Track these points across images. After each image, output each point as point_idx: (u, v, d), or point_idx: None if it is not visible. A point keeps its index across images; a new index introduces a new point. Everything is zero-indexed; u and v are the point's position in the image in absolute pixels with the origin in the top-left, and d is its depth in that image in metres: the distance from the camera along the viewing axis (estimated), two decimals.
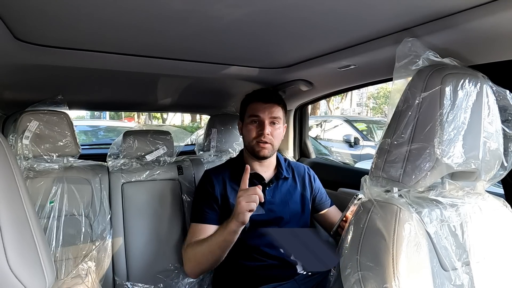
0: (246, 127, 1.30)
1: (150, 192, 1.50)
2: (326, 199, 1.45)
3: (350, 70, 1.17)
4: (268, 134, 1.25)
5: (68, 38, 0.95)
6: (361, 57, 1.06)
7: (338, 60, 1.13)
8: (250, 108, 1.28)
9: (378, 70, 1.13)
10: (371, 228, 0.67)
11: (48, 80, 1.32)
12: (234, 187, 1.31)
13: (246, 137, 1.31)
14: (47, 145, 1.35)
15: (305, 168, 1.47)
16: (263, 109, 1.25)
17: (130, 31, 0.89)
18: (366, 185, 0.78)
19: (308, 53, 1.16)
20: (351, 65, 1.13)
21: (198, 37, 0.96)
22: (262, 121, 1.26)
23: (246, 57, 1.20)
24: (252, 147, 1.28)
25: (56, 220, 1.31)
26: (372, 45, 0.97)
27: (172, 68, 1.24)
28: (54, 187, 1.34)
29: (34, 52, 0.99)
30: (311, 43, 1.04)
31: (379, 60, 1.02)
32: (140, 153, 1.53)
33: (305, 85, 1.43)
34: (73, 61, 1.11)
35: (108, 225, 1.38)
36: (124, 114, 18.17)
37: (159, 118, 17.13)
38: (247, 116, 1.30)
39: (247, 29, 0.89)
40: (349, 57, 1.08)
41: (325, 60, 1.17)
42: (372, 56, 1.02)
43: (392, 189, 0.75)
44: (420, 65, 0.72)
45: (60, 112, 1.39)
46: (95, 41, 0.98)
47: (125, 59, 1.12)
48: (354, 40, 0.98)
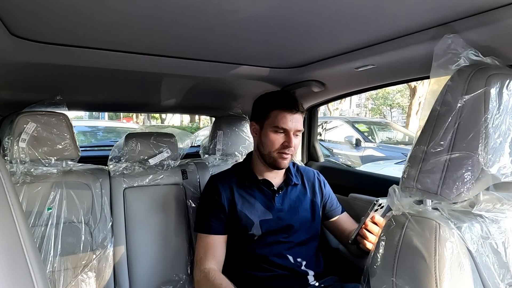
0: (268, 136, 1.20)
1: (154, 198, 1.43)
2: (337, 205, 1.39)
3: (367, 71, 1.11)
4: (292, 147, 1.18)
5: (66, 34, 0.88)
6: (382, 57, 0.99)
7: (356, 60, 1.07)
8: (275, 116, 1.18)
9: (399, 70, 1.07)
10: (408, 246, 0.60)
11: (46, 79, 1.25)
12: (242, 194, 1.25)
13: (266, 146, 1.21)
14: (45, 148, 1.27)
15: (315, 173, 1.41)
16: (291, 121, 1.17)
17: (134, 26, 0.83)
18: (395, 196, 0.71)
19: (324, 52, 1.10)
20: (370, 65, 1.06)
21: (209, 33, 0.89)
22: (288, 132, 1.18)
23: (258, 56, 1.13)
24: (273, 157, 1.20)
25: (54, 228, 1.24)
26: (397, 43, 0.91)
27: (177, 67, 1.17)
28: (52, 193, 1.27)
29: (31, 49, 0.91)
30: (330, 41, 0.97)
31: (404, 59, 0.96)
32: (143, 156, 1.46)
33: (317, 86, 1.36)
34: (72, 59, 1.04)
35: (109, 233, 1.31)
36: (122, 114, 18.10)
37: (158, 118, 17.07)
38: (268, 124, 1.20)
39: (264, 25, 0.83)
40: (368, 56, 1.02)
41: (341, 60, 1.10)
42: (395, 55, 0.96)
43: (425, 200, 0.68)
44: (462, 64, 0.65)
45: (59, 114, 1.31)
46: (96, 38, 0.91)
47: (127, 58, 1.05)
48: (377, 38, 0.92)
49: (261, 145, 1.24)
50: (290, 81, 1.39)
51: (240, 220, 1.20)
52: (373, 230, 1.02)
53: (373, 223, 1.06)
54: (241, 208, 1.22)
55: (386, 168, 2.94)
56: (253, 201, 1.24)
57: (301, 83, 1.37)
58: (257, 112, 1.27)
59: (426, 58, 0.93)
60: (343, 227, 1.35)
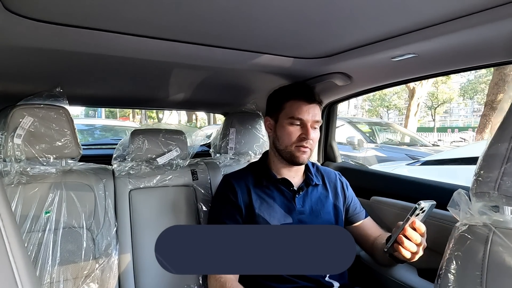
0: (284, 129, 1.12)
1: (162, 200, 1.31)
2: (360, 209, 1.28)
3: (405, 61, 1.00)
4: (311, 139, 1.10)
5: (69, 11, 0.76)
6: (426, 44, 0.88)
7: (393, 49, 0.95)
8: (290, 107, 1.11)
9: (447, 58, 0.96)
10: (498, 266, 0.49)
11: (45, 67, 1.13)
12: (260, 195, 1.14)
13: (283, 140, 1.13)
14: (43, 145, 1.15)
15: (336, 174, 1.30)
16: (307, 111, 1.09)
17: (146, 3, 0.71)
18: (464, 203, 0.60)
19: (355, 40, 0.98)
20: (410, 53, 0.95)
21: (229, 15, 0.78)
22: (305, 124, 1.10)
23: (282, 44, 1.02)
24: (291, 152, 1.12)
25: (52, 234, 1.12)
26: (447, 27, 0.80)
27: (192, 55, 1.05)
28: (51, 195, 1.15)
29: (29, 28, 0.79)
30: (363, 27, 0.86)
31: (454, 45, 0.85)
32: (150, 155, 1.34)
33: (342, 80, 1.25)
34: (75, 43, 0.92)
35: (113, 239, 1.19)
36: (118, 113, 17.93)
37: (155, 118, 16.91)
38: (284, 115, 1.12)
39: (291, 9, 0.73)
40: (409, 43, 0.90)
41: (375, 48, 0.99)
42: (443, 41, 0.84)
43: (503, 208, 0.57)
44: None
45: (59, 107, 1.19)
46: (102, 17, 0.79)
47: (136, 42, 0.93)
48: (422, 22, 0.81)
49: (276, 140, 1.15)
50: (313, 74, 1.28)
51: (259, 222, 1.10)
52: (412, 237, 0.90)
53: (412, 228, 0.94)
54: (259, 210, 1.11)
55: (397, 170, 2.84)
56: (272, 202, 1.14)
57: (325, 76, 1.26)
58: (271, 106, 1.19)
59: (482, 44, 0.83)
60: (367, 233, 1.25)
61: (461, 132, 18.23)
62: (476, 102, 30.30)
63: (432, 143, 6.75)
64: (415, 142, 6.28)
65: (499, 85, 7.01)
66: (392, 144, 6.50)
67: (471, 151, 2.63)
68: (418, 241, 0.89)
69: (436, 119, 27.29)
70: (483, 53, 0.89)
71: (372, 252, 1.21)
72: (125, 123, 5.72)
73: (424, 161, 2.87)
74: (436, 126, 26.59)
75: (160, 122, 16.34)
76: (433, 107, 24.41)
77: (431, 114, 26.21)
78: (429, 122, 28.60)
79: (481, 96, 23.51)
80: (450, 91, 22.75)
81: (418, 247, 0.91)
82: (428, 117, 27.25)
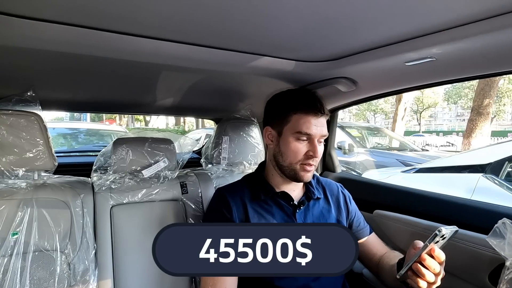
0: (289, 144, 1.00)
1: (147, 217, 1.18)
2: (364, 224, 1.19)
3: (421, 66, 0.90)
4: (317, 157, 1.00)
5: (41, 4, 0.64)
6: (448, 46, 0.79)
7: (408, 52, 0.86)
8: (297, 120, 0.99)
9: (467, 63, 0.87)
10: None
11: (14, 69, 0.99)
12: (258, 210, 1.04)
13: (287, 156, 1.01)
14: (11, 157, 1.02)
15: (339, 186, 1.20)
16: (315, 125, 0.98)
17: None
18: (509, 234, 0.50)
19: (365, 43, 0.89)
20: (427, 58, 0.86)
21: (227, 15, 0.68)
22: (312, 139, 0.99)
23: (284, 46, 0.91)
24: (295, 170, 1.01)
25: (20, 259, 0.98)
26: (473, 28, 0.71)
27: (184, 56, 0.93)
28: (19, 213, 1.01)
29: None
30: (377, 28, 0.77)
31: (477, 49, 0.76)
32: (135, 167, 1.20)
33: (347, 85, 1.15)
34: (48, 41, 0.79)
35: (92, 263, 1.05)
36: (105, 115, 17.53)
37: (142, 120, 16.63)
38: (290, 129, 1.00)
39: (294, 7, 0.63)
40: (427, 47, 0.81)
41: (387, 52, 0.90)
42: (467, 44, 0.76)
43: None
44: None
45: (30, 113, 1.05)
46: (79, 11, 0.67)
47: (121, 41, 0.81)
48: (442, 24, 0.72)
49: (279, 155, 1.03)
50: (315, 78, 1.17)
51: None
52: (431, 266, 0.80)
53: (430, 256, 0.84)
54: None
55: (392, 177, 2.77)
56: (270, 219, 1.03)
57: (329, 81, 1.15)
58: (274, 115, 1.06)
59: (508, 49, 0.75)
60: (372, 251, 1.15)
61: (446, 136, 18.57)
62: (460, 107, 31.02)
63: (421, 147, 6.79)
64: (405, 147, 6.30)
65: (485, 91, 7.13)
66: (382, 148, 6.50)
67: (466, 159, 2.59)
68: (436, 270, 0.79)
69: (422, 123, 27.83)
70: (509, 57, 0.80)
71: (378, 271, 1.11)
72: (111, 126, 5.51)
73: (419, 168, 2.81)
74: (421, 130, 27.10)
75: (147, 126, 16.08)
76: (419, 111, 24.86)
77: (417, 118, 26.70)
78: (414, 126, 29.12)
79: (464, 101, 24.09)
80: (435, 96, 23.23)
81: (436, 277, 0.81)
82: (414, 121, 27.76)
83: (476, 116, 7.21)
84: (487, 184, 2.16)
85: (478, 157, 2.50)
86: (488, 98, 7.18)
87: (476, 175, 2.26)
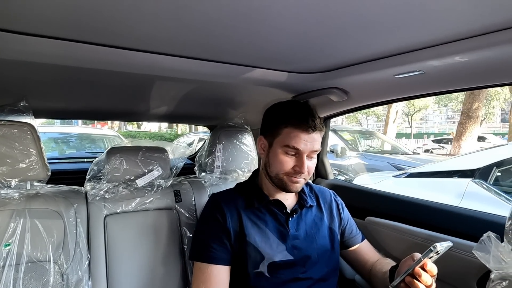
0: (276, 156, 1.01)
1: (141, 226, 1.18)
2: (356, 232, 1.21)
3: (409, 78, 0.93)
4: (305, 172, 0.99)
5: (34, 20, 0.64)
6: (435, 62, 0.81)
7: (398, 66, 0.89)
8: (287, 134, 0.99)
9: (454, 77, 0.90)
10: None
11: (8, 79, 0.99)
12: (251, 218, 1.04)
13: (274, 167, 1.02)
14: (4, 167, 1.01)
15: (331, 194, 1.22)
16: (305, 141, 0.97)
17: (123, 13, 0.60)
18: (494, 248, 0.52)
19: (356, 57, 0.91)
20: (416, 71, 0.88)
21: (221, 29, 0.69)
22: (301, 154, 0.99)
23: (276, 58, 0.93)
24: (282, 180, 1.01)
25: (13, 270, 0.97)
26: (459, 45, 0.74)
27: (177, 69, 0.94)
28: (12, 224, 1.00)
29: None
30: (367, 43, 0.79)
31: (463, 64, 0.79)
32: (128, 176, 1.21)
33: (339, 95, 1.17)
34: (44, 55, 0.79)
35: (85, 274, 1.05)
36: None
37: (134, 123, 16.49)
38: (279, 141, 1.00)
39: (289, 21, 0.65)
40: (416, 61, 0.84)
41: (378, 65, 0.92)
42: (454, 59, 0.78)
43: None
44: None
45: (23, 124, 1.05)
46: (73, 27, 0.68)
47: (114, 54, 0.82)
48: (432, 40, 0.74)
49: (268, 165, 1.05)
50: (308, 88, 1.19)
51: (249, 251, 1.00)
52: (423, 280, 0.82)
53: (422, 269, 0.86)
54: (251, 236, 1.01)
55: (384, 181, 2.80)
56: (264, 227, 1.04)
57: (320, 91, 1.17)
58: (267, 125, 1.07)
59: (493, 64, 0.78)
60: (364, 258, 1.17)
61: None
62: (450, 109, 31.45)
63: (412, 151, 6.86)
64: (396, 150, 6.36)
65: (474, 94, 7.25)
66: (374, 152, 6.55)
67: (456, 164, 2.63)
68: (428, 283, 0.81)
69: (413, 125, 28.11)
70: (493, 73, 0.83)
71: (370, 278, 1.13)
72: (103, 130, 5.47)
73: (410, 173, 2.85)
74: (413, 133, 27.37)
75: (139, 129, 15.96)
76: (410, 114, 25.12)
77: (408, 121, 26.97)
78: (406, 129, 29.42)
79: (454, 103, 24.42)
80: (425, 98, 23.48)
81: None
82: (405, 123, 28.03)
83: (466, 119, 7.33)
84: (476, 189, 2.20)
85: (467, 162, 2.54)
86: (477, 102, 7.30)
87: (466, 180, 2.30)
